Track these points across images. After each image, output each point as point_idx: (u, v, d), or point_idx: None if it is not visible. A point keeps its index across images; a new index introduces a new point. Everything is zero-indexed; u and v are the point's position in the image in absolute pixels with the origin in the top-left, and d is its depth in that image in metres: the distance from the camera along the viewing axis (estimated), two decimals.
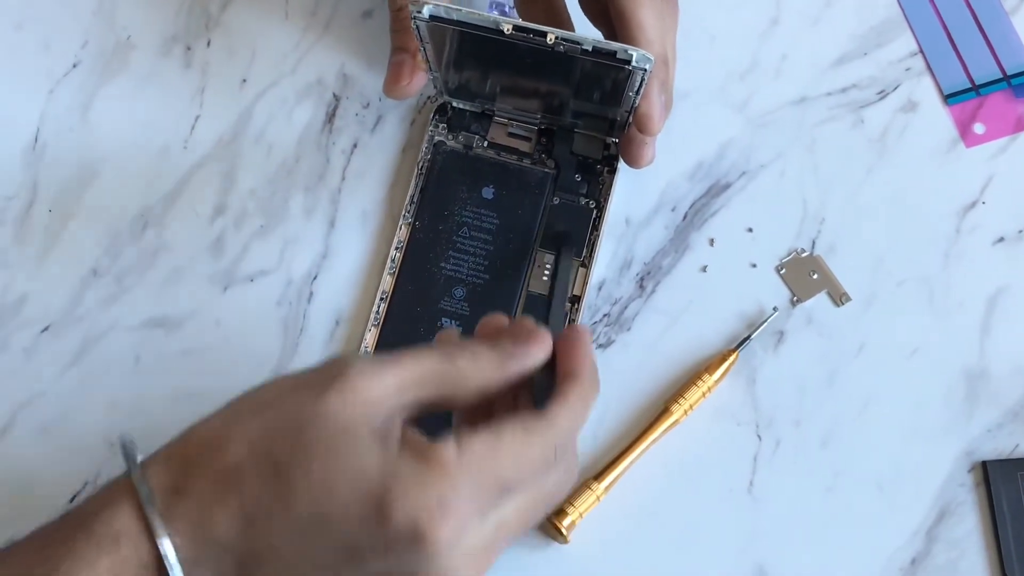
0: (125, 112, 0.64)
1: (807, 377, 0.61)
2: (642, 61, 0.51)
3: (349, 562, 0.42)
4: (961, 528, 0.60)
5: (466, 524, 0.42)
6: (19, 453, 0.60)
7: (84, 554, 0.42)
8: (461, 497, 0.41)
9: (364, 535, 0.41)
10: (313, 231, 0.63)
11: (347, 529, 0.41)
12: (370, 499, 0.41)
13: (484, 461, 0.42)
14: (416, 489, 0.41)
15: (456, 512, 0.41)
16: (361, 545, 0.42)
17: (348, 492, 0.41)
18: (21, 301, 0.61)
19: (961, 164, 0.64)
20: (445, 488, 0.41)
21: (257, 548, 0.42)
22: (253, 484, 0.42)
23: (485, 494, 0.43)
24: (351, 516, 0.41)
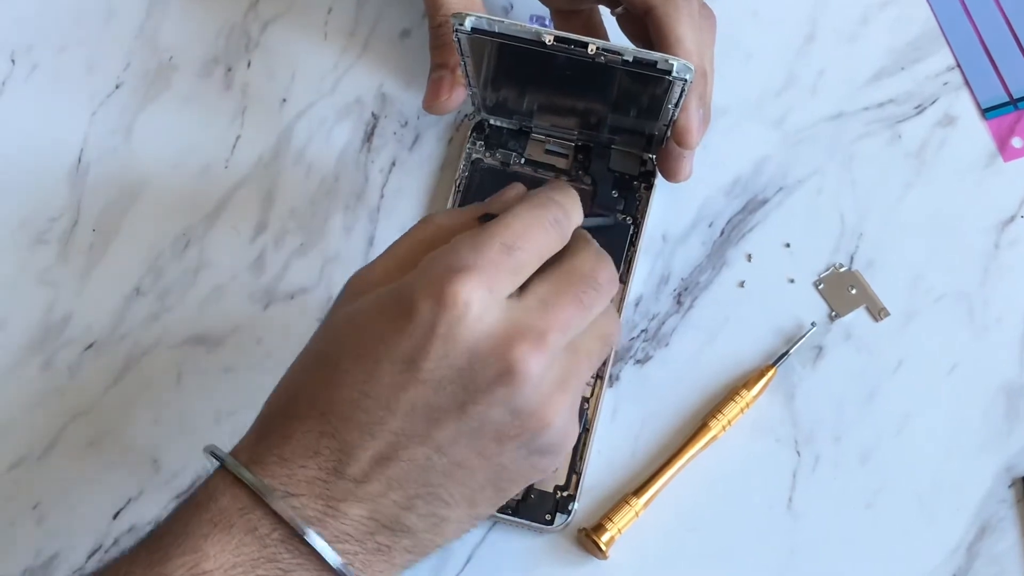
0: (167, 133, 0.65)
1: (846, 393, 0.61)
2: (683, 71, 0.51)
3: (465, 419, 0.45)
4: (1002, 544, 0.59)
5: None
6: (64, 469, 0.60)
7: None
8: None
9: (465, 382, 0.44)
10: (352, 248, 0.63)
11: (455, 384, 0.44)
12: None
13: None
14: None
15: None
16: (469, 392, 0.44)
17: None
18: (66, 319, 0.62)
19: (999, 178, 0.64)
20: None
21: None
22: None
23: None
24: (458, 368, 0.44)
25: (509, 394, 0.44)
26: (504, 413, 0.45)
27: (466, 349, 0.44)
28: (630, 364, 0.62)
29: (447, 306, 0.43)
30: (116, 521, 0.60)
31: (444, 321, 0.43)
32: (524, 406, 0.45)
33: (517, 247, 0.45)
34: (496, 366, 0.44)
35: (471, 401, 0.44)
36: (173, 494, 0.60)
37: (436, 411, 0.44)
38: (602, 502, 0.59)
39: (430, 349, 0.44)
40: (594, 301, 0.47)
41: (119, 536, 0.59)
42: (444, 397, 0.44)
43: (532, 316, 0.45)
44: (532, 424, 0.45)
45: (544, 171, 0.63)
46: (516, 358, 0.44)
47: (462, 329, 0.43)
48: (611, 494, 0.60)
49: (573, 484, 0.59)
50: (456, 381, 0.44)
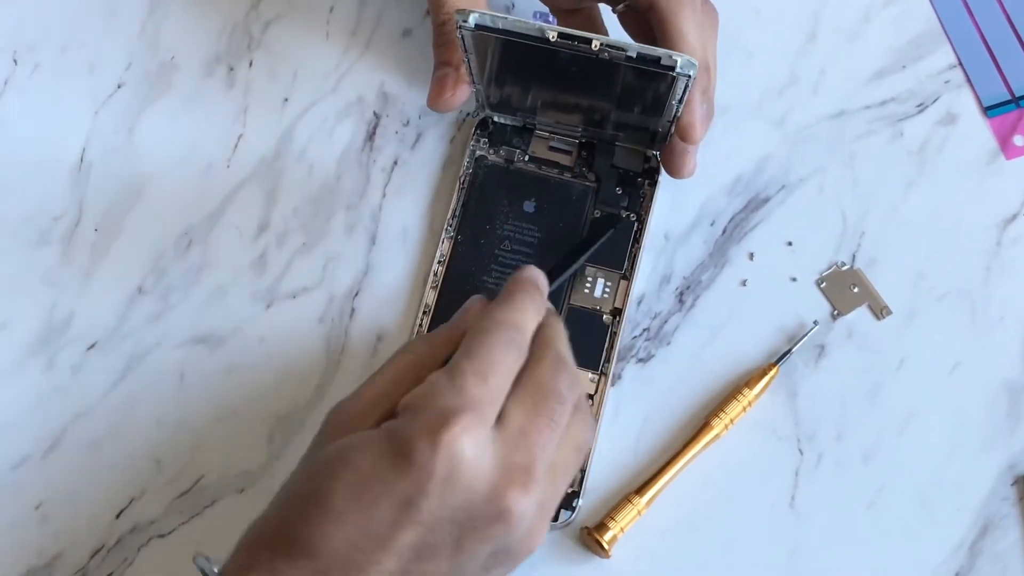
0: (169, 132, 0.65)
1: (848, 391, 0.61)
2: (687, 67, 0.52)
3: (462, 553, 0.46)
4: (1004, 542, 0.59)
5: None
6: (67, 469, 0.60)
7: None
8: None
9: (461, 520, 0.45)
10: (354, 248, 0.63)
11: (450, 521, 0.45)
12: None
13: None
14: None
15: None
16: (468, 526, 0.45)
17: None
18: (68, 319, 0.62)
19: (1002, 176, 0.64)
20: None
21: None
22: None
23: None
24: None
25: (503, 532, 0.46)
26: (495, 546, 0.46)
27: (464, 490, 0.44)
28: (632, 363, 0.62)
29: (444, 450, 0.44)
30: (119, 521, 0.60)
31: (442, 464, 0.44)
32: (514, 541, 0.46)
33: (490, 376, 0.46)
34: (492, 509, 0.45)
35: (466, 538, 0.45)
36: (175, 494, 0.60)
37: (431, 550, 0.45)
38: (604, 501, 0.59)
39: (429, 491, 0.44)
40: (563, 415, 0.48)
41: (122, 536, 0.60)
42: (440, 536, 0.45)
43: (516, 451, 0.46)
44: (518, 551, 0.47)
45: (548, 168, 0.63)
46: (510, 502, 0.45)
47: (460, 472, 0.44)
48: (613, 493, 0.60)
49: (576, 482, 0.59)
50: (453, 521, 0.45)
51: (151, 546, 0.60)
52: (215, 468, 0.60)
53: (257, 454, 0.61)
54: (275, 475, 0.60)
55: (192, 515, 0.60)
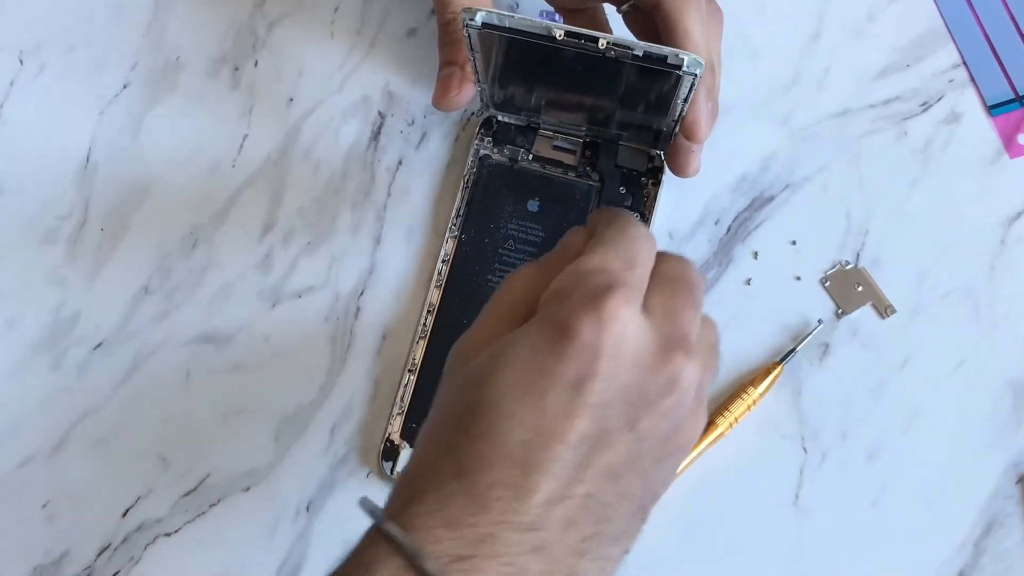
0: (175, 132, 0.65)
1: (853, 390, 0.61)
2: (693, 66, 0.51)
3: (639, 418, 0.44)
4: (1008, 541, 0.60)
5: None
6: (73, 468, 0.61)
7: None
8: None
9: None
10: (359, 247, 0.64)
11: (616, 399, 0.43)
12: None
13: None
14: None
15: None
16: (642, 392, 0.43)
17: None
18: (74, 318, 0.62)
19: (1005, 175, 0.64)
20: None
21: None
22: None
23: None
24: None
25: (675, 404, 0.44)
26: (668, 427, 0.44)
27: (632, 364, 0.43)
28: None
29: (608, 323, 0.42)
30: (125, 519, 0.60)
31: (608, 338, 0.42)
32: (683, 417, 0.44)
33: (635, 262, 0.45)
34: (661, 379, 0.43)
35: (641, 417, 0.43)
36: (182, 492, 0.60)
37: (608, 434, 0.42)
38: None
39: (599, 369, 0.42)
40: (700, 299, 0.46)
41: (128, 534, 0.60)
42: (615, 415, 0.43)
43: (670, 326, 0.44)
44: (684, 438, 0.45)
45: (552, 167, 0.63)
46: (677, 367, 0.43)
47: (626, 345, 0.42)
48: None
49: None
50: (625, 400, 0.43)
51: (157, 544, 0.60)
52: (221, 466, 0.61)
53: (263, 452, 0.61)
54: (281, 473, 0.60)
55: (198, 513, 0.60)
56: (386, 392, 0.61)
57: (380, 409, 0.61)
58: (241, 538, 0.60)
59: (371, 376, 0.62)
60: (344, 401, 0.61)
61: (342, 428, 0.61)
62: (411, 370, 0.61)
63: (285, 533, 0.60)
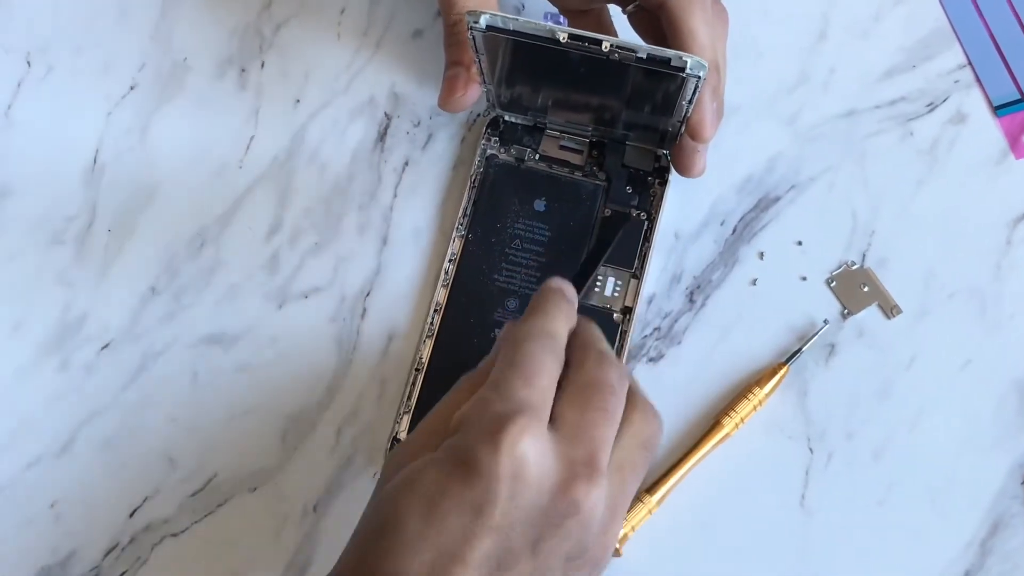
0: (182, 133, 0.65)
1: (859, 390, 0.61)
2: (696, 68, 0.52)
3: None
4: (1015, 540, 0.60)
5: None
6: (81, 468, 0.61)
7: None
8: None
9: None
10: (366, 248, 0.64)
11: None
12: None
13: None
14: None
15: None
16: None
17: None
18: (82, 319, 0.63)
19: (1011, 175, 0.64)
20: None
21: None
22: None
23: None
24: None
25: (577, 526, 0.45)
26: (571, 547, 0.45)
27: (532, 488, 0.44)
28: (643, 362, 0.62)
29: (507, 449, 0.43)
30: (132, 519, 0.60)
31: (507, 465, 0.43)
32: (588, 538, 0.45)
33: (534, 379, 0.46)
34: (562, 504, 0.44)
35: (542, 538, 0.44)
36: (189, 492, 0.60)
37: (510, 556, 0.44)
38: None
39: (498, 494, 0.43)
40: (617, 406, 0.47)
41: (136, 534, 0.60)
42: (516, 541, 0.44)
43: (576, 446, 0.45)
44: (591, 556, 0.46)
45: (558, 167, 0.64)
46: (579, 494, 0.44)
47: (525, 470, 0.44)
48: None
49: None
50: (526, 522, 0.44)
51: (164, 544, 0.60)
52: (228, 467, 0.61)
53: (270, 453, 0.61)
54: (287, 474, 0.61)
55: (205, 514, 0.60)
56: (392, 392, 0.62)
57: (387, 409, 0.61)
58: (248, 538, 0.60)
59: (377, 376, 0.62)
60: (351, 401, 0.62)
61: (349, 428, 0.61)
62: (418, 369, 0.61)
63: (292, 533, 0.60)
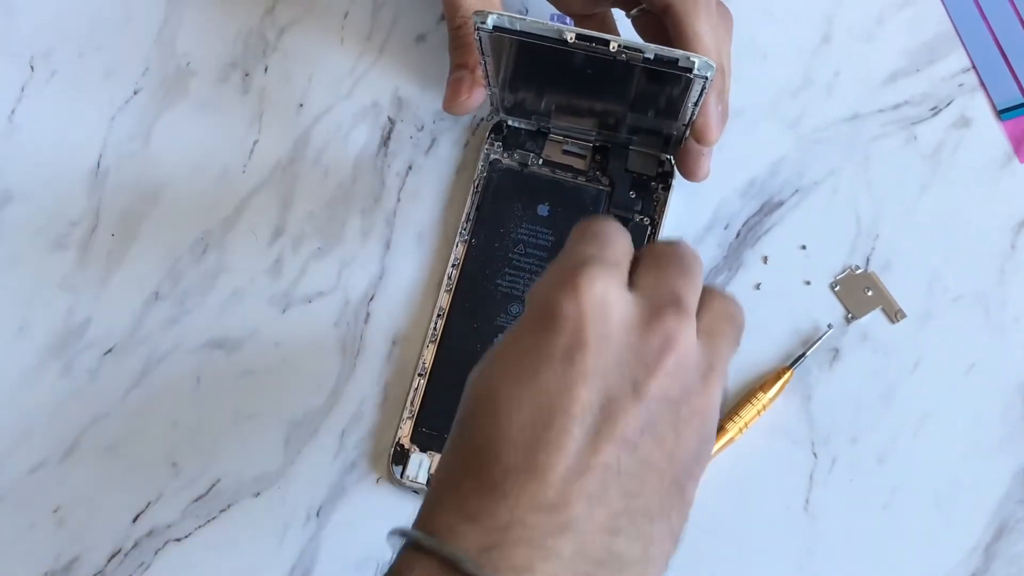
0: (185, 137, 0.65)
1: (863, 394, 0.61)
2: (704, 68, 0.51)
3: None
4: (1020, 545, 0.59)
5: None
6: (84, 473, 0.61)
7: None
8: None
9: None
10: (369, 252, 0.64)
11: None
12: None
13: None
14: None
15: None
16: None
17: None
18: (85, 324, 0.63)
19: (1016, 179, 0.64)
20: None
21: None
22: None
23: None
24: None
25: (676, 363, 0.43)
26: (677, 388, 0.43)
27: (622, 327, 0.42)
28: None
29: (585, 293, 0.42)
30: (136, 525, 0.60)
31: (589, 306, 0.42)
32: (691, 380, 0.43)
33: (606, 243, 0.45)
34: (656, 338, 0.42)
35: (643, 378, 0.42)
36: (192, 497, 0.60)
37: (612, 400, 0.42)
38: None
39: (587, 337, 0.42)
40: (692, 267, 0.45)
41: (139, 539, 0.60)
42: (615, 382, 0.42)
43: (658, 290, 0.44)
44: (699, 403, 0.44)
45: (562, 172, 0.64)
46: (669, 325, 0.43)
47: (610, 311, 0.42)
48: None
49: None
50: (621, 362, 0.42)
51: (168, 550, 0.60)
52: (231, 472, 0.61)
53: (273, 458, 0.61)
54: (291, 479, 0.60)
55: (208, 519, 0.60)
56: (396, 397, 0.62)
57: (390, 414, 0.61)
58: (251, 543, 0.60)
59: (381, 381, 0.62)
60: (354, 406, 0.62)
61: (352, 433, 0.61)
62: (421, 374, 0.61)
63: (295, 538, 0.60)
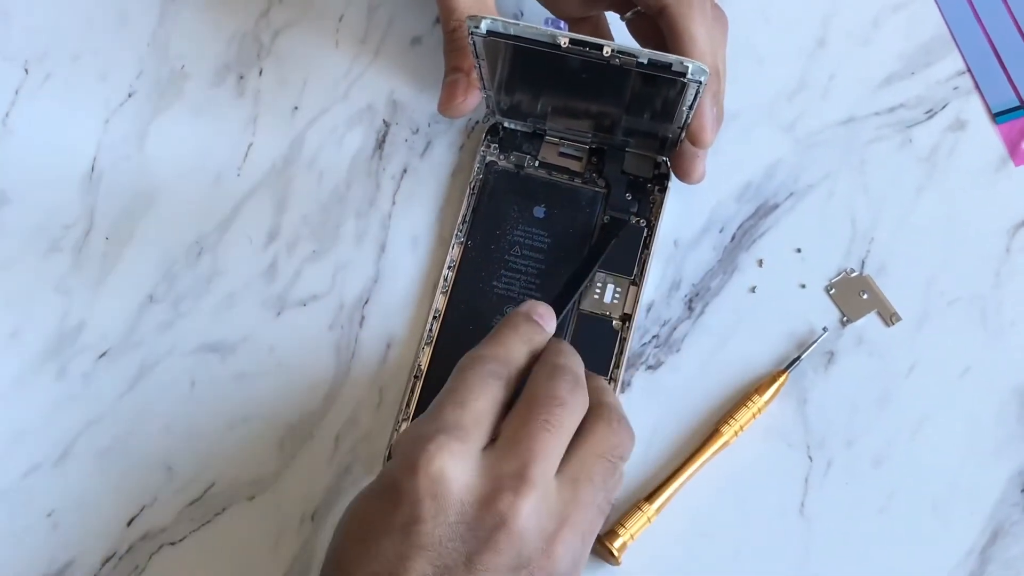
0: (180, 140, 0.65)
1: (858, 397, 0.61)
2: (698, 73, 0.52)
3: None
4: (1015, 548, 0.59)
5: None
6: (78, 477, 0.61)
7: None
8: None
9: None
10: (364, 255, 0.64)
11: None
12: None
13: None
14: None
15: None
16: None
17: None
18: (79, 327, 0.62)
19: (1011, 182, 0.64)
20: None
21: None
22: None
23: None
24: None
25: (510, 539, 0.45)
26: (513, 559, 0.45)
27: (455, 503, 0.45)
28: (642, 370, 0.62)
29: (423, 469, 0.45)
30: (130, 528, 0.60)
31: (426, 485, 0.45)
32: (529, 550, 0.45)
33: (467, 401, 0.47)
34: (489, 518, 0.45)
35: (476, 552, 0.45)
36: (187, 501, 0.60)
37: (446, 570, 0.45)
38: (614, 508, 0.59)
39: (422, 513, 0.45)
40: (562, 417, 0.47)
41: (133, 543, 0.60)
42: (449, 557, 0.45)
43: (505, 460, 0.46)
44: (544, 566, 0.46)
45: (558, 174, 0.63)
46: (503, 507, 0.45)
47: (445, 487, 0.45)
48: (623, 500, 0.60)
49: None
50: (455, 538, 0.45)
51: (162, 554, 0.60)
52: (226, 475, 0.61)
53: (268, 462, 0.61)
54: (285, 482, 0.60)
55: (203, 523, 0.60)
56: (391, 400, 0.61)
57: (385, 417, 0.61)
58: (246, 547, 0.60)
59: (376, 384, 0.62)
60: (349, 409, 0.61)
61: (347, 437, 0.61)
62: (416, 376, 0.61)
63: (290, 542, 0.60)
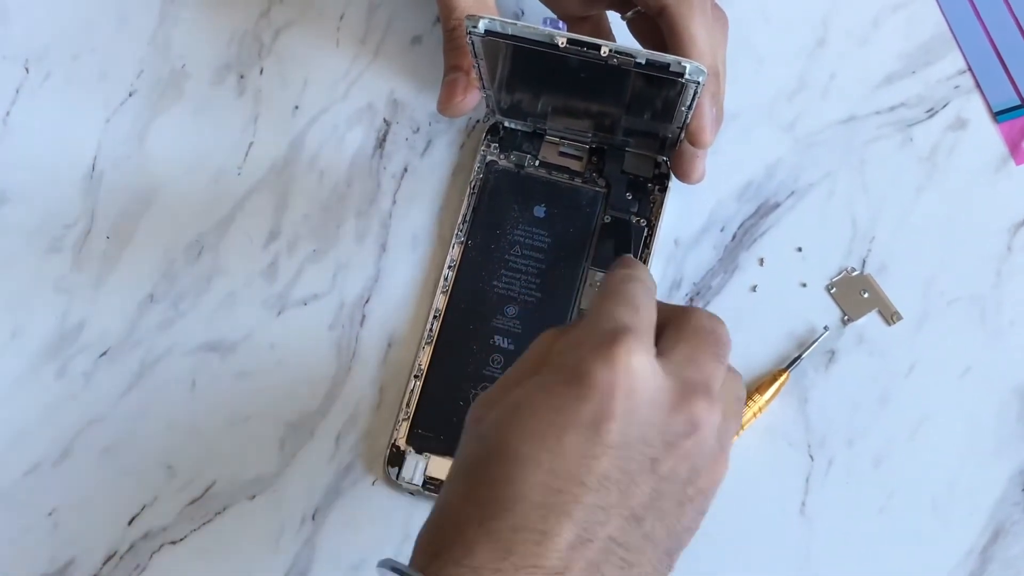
0: (180, 139, 0.65)
1: (859, 397, 0.61)
2: (695, 73, 0.52)
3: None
4: (1016, 548, 0.59)
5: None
6: (79, 476, 0.61)
7: None
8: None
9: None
10: (365, 255, 0.64)
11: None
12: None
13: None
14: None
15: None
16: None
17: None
18: (80, 326, 0.62)
19: (1012, 181, 0.64)
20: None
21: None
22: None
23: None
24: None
25: (695, 447, 0.43)
26: (689, 469, 0.44)
27: (648, 404, 0.43)
28: None
29: (620, 364, 0.42)
30: (131, 527, 0.60)
31: (622, 379, 0.42)
32: (703, 463, 0.44)
33: (640, 308, 0.45)
34: (680, 421, 0.43)
35: (661, 457, 0.43)
36: (188, 500, 0.60)
37: (628, 476, 0.42)
38: None
39: (615, 409, 0.42)
40: (724, 354, 0.46)
41: (134, 542, 0.60)
42: (634, 460, 0.42)
43: (689, 371, 0.44)
44: (705, 483, 0.45)
45: (558, 173, 0.63)
46: (697, 411, 0.43)
47: (641, 385, 0.42)
48: None
49: None
50: (643, 440, 0.43)
51: (163, 552, 0.60)
52: (226, 474, 0.61)
53: (268, 460, 0.61)
54: (287, 481, 0.60)
55: (204, 522, 0.60)
56: (391, 399, 0.61)
57: (386, 416, 0.61)
58: (247, 546, 0.60)
59: (376, 383, 0.62)
60: (349, 409, 0.61)
61: (348, 436, 0.61)
62: (417, 376, 0.61)
63: (291, 541, 0.60)
